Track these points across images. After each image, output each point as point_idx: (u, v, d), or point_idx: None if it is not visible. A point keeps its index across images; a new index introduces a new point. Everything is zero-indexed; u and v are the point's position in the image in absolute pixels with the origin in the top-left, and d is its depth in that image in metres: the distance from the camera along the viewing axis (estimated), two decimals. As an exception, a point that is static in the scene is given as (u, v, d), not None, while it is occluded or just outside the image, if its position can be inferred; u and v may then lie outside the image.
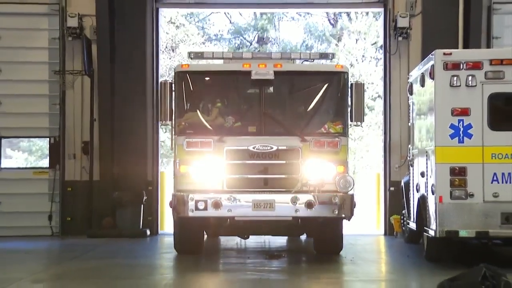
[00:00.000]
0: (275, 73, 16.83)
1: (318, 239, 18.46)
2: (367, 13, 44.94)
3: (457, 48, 21.74)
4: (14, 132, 24.81)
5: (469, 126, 15.07)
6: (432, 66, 15.50)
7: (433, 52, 15.67)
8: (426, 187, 16.17)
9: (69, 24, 23.41)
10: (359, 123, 17.25)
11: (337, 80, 17.42)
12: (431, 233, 15.36)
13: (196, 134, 16.99)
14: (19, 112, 23.89)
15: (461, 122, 15.01)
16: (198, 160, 16.61)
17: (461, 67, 15.08)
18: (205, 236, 20.04)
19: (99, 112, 23.61)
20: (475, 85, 15.00)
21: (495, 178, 15.00)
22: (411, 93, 18.84)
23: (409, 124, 19.53)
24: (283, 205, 15.95)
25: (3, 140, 24.65)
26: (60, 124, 23.77)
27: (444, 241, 15.44)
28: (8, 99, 23.66)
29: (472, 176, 14.96)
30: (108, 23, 23.24)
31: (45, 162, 25.17)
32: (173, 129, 17.31)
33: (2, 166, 24.53)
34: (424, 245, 16.90)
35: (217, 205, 15.78)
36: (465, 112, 15.06)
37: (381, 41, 29.40)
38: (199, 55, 18.47)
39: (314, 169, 16.55)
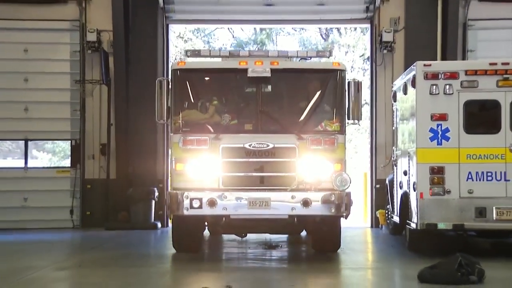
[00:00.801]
0: (272, 70, 15.28)
1: (315, 237, 16.71)
2: (355, 29, 44.68)
3: (436, 60, 21.76)
4: (39, 135, 24.84)
5: (447, 130, 15.07)
6: (414, 76, 15.50)
7: (414, 64, 15.65)
8: (409, 184, 16.15)
9: (88, 39, 23.50)
10: (356, 121, 15.58)
11: (334, 78, 15.71)
12: (413, 225, 15.35)
13: (192, 132, 15.28)
14: (43, 117, 23.92)
15: (440, 126, 15.01)
16: (194, 158, 15.02)
17: (440, 77, 15.09)
18: (207, 234, 19.01)
19: (115, 117, 23.63)
20: (452, 93, 15.00)
21: (470, 176, 14.99)
22: (395, 100, 18.79)
23: (393, 128, 19.47)
24: (279, 204, 14.51)
25: (29, 143, 24.80)
26: (81, 128, 23.85)
27: (424, 233, 15.41)
28: (33, 105, 23.70)
29: (450, 175, 14.97)
30: (123, 37, 23.22)
31: (67, 162, 25.13)
32: (170, 127, 15.88)
33: (29, 166, 24.61)
34: (406, 236, 16.94)
35: (212, 203, 14.39)
36: (443, 117, 15.06)
37: (368, 54, 29.24)
38: (196, 53, 16.57)
39: (311, 167, 14.91)
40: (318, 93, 15.80)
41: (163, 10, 23.98)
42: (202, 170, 14.89)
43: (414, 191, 15.36)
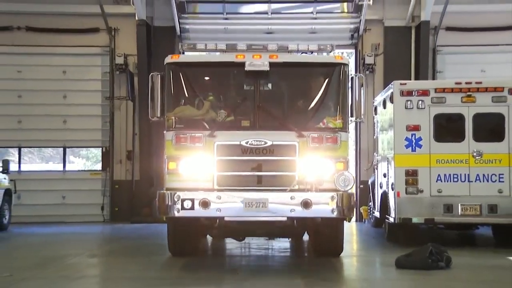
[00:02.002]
0: (271, 64, 12.37)
1: (316, 240, 13.91)
2: (342, 53, 44.73)
3: (410, 79, 21.78)
4: (76, 143, 24.86)
5: (420, 138, 15.11)
6: (392, 93, 15.51)
7: (392, 83, 15.70)
8: (388, 185, 16.12)
9: (117, 62, 23.62)
10: (359, 118, 12.70)
11: (336, 72, 12.71)
12: (391, 220, 15.33)
13: (186, 129, 12.40)
14: (79, 128, 24.00)
15: (414, 135, 15.05)
16: (187, 157, 12.19)
17: (414, 94, 15.13)
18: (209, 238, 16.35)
19: (139, 128, 23.70)
20: (424, 108, 15.05)
21: (439, 178, 15.01)
22: (375, 113, 18.77)
23: (374, 137, 19.45)
24: (277, 205, 11.62)
25: (67, 150, 24.91)
26: (110, 137, 23.91)
27: (401, 226, 15.40)
28: (71, 118, 23.81)
29: (422, 177, 15.01)
30: (146, 61, 23.27)
31: (98, 166, 25.11)
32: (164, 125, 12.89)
33: (67, 169, 24.78)
34: (385, 229, 16.89)
35: (205, 204, 11.54)
36: (416, 128, 15.09)
37: (353, 74, 29.26)
38: (191, 47, 13.62)
39: (312, 166, 12.04)
40: (320, 88, 12.85)
41: (179, 38, 23.95)
42: (195, 169, 12.13)
43: (392, 190, 15.34)
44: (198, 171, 12.01)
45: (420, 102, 15.08)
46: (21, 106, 23.86)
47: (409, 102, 15.13)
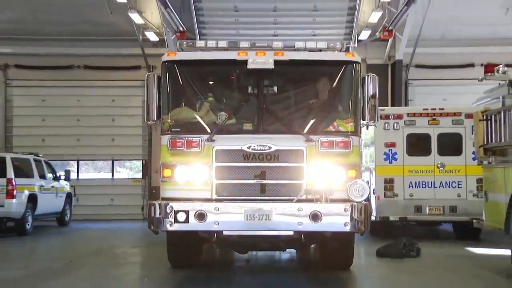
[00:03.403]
0: (276, 62, 9.26)
1: (325, 252, 10.46)
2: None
3: (388, 106, 21.71)
4: (121, 157, 24.91)
5: (395, 153, 15.24)
6: (372, 117, 15.56)
7: (373, 109, 15.72)
8: (370, 190, 16.14)
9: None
10: (372, 122, 9.60)
11: (348, 71, 9.57)
12: (373, 218, 15.25)
13: (183, 133, 9.35)
14: (124, 145, 24.07)
15: (390, 150, 15.15)
16: (183, 163, 9.14)
17: (390, 118, 15.23)
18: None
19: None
20: (399, 129, 15.17)
21: (411, 185, 15.17)
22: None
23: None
24: (283, 217, 8.64)
25: (115, 162, 24.97)
26: (148, 152, 23.86)
27: (381, 223, 15.39)
28: (117, 137, 23.87)
29: (397, 184, 15.18)
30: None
31: (139, 175, 25.14)
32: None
33: (114, 177, 24.81)
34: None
35: (201, 216, 8.60)
36: (392, 145, 15.19)
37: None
38: (190, 45, 10.20)
39: (321, 173, 8.97)
40: (329, 88, 9.73)
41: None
42: (192, 177, 9.05)
43: (374, 194, 15.28)
44: (195, 179, 8.99)
45: (395, 124, 15.20)
46: (79, 127, 23.96)
47: (387, 124, 15.20)
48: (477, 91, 13.17)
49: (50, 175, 19.84)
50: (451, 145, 15.38)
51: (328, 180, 8.84)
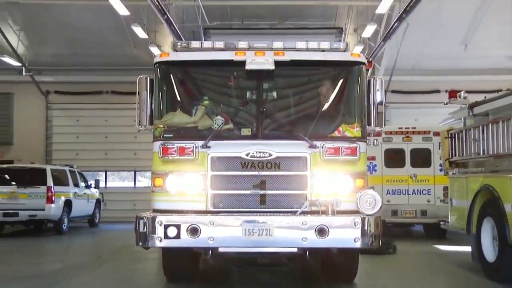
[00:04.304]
0: (276, 63, 7.34)
1: (327, 263, 8.48)
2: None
3: (368, 126, 21.72)
4: (142, 168, 24.63)
5: (375, 165, 15.28)
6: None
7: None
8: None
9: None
10: (379, 127, 7.65)
11: (354, 73, 7.63)
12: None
13: (177, 139, 7.43)
14: (145, 158, 23.83)
15: (371, 163, 15.09)
16: (175, 171, 7.27)
17: (371, 135, 15.23)
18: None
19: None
20: (378, 144, 15.14)
21: (388, 192, 15.22)
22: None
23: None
24: (285, 232, 6.79)
25: (136, 173, 24.96)
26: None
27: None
28: (139, 151, 23.65)
29: (377, 191, 14.96)
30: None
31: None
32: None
33: (136, 186, 24.81)
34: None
35: (194, 231, 6.77)
36: (373, 158, 15.14)
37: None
38: (185, 47, 7.88)
39: (327, 183, 7.15)
40: (334, 90, 7.70)
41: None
42: (185, 187, 7.16)
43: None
44: (189, 189, 7.11)
45: (375, 140, 15.11)
46: (107, 143, 24.02)
47: (368, 140, 15.20)
48: (443, 113, 13.23)
49: (82, 184, 19.93)
50: (421, 158, 15.43)
51: (334, 190, 7.01)
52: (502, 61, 21.87)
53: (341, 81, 7.71)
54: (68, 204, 17.90)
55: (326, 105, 7.66)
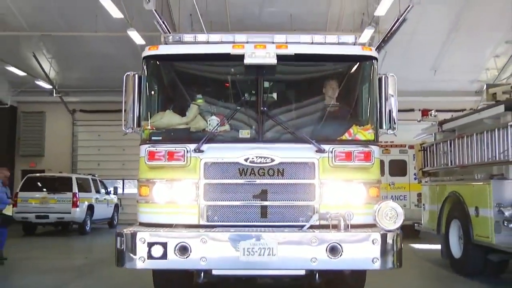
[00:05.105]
0: (279, 57, 5.42)
1: (332, 281, 6.47)
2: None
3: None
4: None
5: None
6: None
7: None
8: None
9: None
10: (392, 130, 5.98)
11: (365, 68, 5.78)
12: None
13: (166, 142, 5.51)
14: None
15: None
16: (163, 179, 5.37)
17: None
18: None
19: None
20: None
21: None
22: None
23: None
24: (291, 250, 4.80)
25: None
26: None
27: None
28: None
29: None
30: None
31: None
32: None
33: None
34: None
35: (183, 250, 4.80)
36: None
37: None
38: (177, 40, 5.72)
39: (338, 192, 5.32)
40: (343, 88, 5.96)
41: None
42: (174, 197, 5.40)
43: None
44: (178, 200, 5.35)
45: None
46: (124, 155, 23.81)
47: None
48: (416, 129, 13.32)
49: (103, 190, 19.97)
50: (398, 168, 15.49)
51: (346, 201, 5.33)
52: (466, 84, 22.31)
53: (351, 77, 5.93)
54: (90, 208, 17.97)
55: (335, 105, 5.90)
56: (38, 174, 18.66)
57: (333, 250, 4.86)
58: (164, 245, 4.88)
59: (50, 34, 19.77)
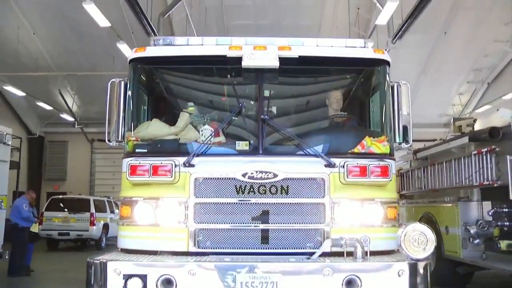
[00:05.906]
0: (281, 60, 4.01)
1: None
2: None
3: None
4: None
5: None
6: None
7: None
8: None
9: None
10: (406, 143, 4.23)
11: (378, 73, 4.33)
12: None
13: (152, 154, 4.07)
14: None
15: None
16: (147, 197, 3.90)
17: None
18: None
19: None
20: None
21: None
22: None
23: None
24: (299, 284, 3.28)
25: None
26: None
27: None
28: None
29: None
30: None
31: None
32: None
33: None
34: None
35: (167, 284, 3.32)
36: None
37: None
38: (168, 43, 4.25)
39: (351, 213, 3.84)
40: (353, 95, 4.68)
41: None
42: (159, 219, 3.92)
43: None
44: (164, 222, 4.02)
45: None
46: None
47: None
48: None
49: (116, 211, 19.87)
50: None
51: (362, 224, 4.03)
52: (436, 118, 22.82)
53: (361, 83, 4.72)
54: (106, 226, 17.98)
55: (344, 113, 4.67)
56: (60, 196, 18.87)
57: (351, 284, 3.52)
58: (144, 278, 3.53)
59: (75, 74, 20.40)
